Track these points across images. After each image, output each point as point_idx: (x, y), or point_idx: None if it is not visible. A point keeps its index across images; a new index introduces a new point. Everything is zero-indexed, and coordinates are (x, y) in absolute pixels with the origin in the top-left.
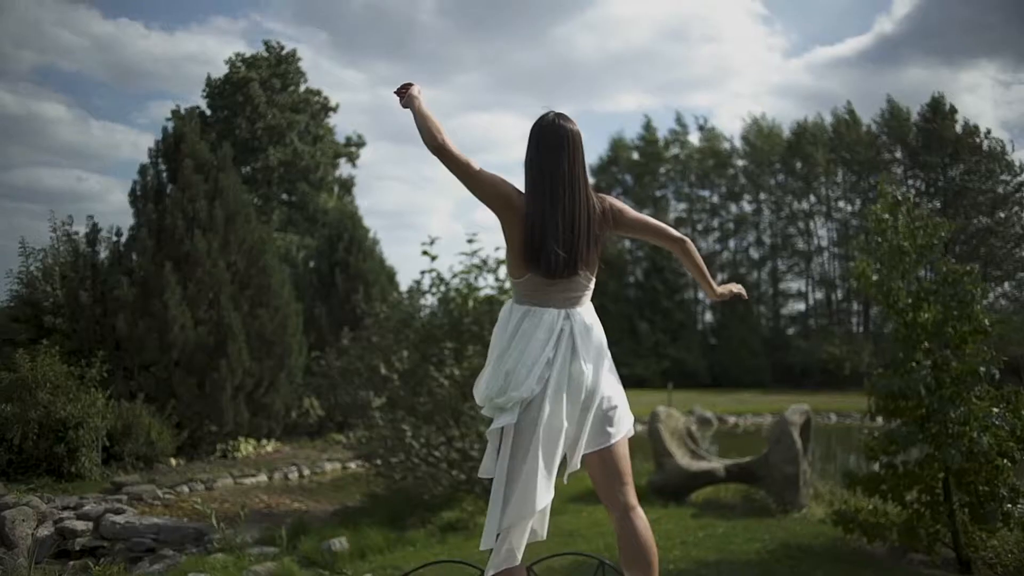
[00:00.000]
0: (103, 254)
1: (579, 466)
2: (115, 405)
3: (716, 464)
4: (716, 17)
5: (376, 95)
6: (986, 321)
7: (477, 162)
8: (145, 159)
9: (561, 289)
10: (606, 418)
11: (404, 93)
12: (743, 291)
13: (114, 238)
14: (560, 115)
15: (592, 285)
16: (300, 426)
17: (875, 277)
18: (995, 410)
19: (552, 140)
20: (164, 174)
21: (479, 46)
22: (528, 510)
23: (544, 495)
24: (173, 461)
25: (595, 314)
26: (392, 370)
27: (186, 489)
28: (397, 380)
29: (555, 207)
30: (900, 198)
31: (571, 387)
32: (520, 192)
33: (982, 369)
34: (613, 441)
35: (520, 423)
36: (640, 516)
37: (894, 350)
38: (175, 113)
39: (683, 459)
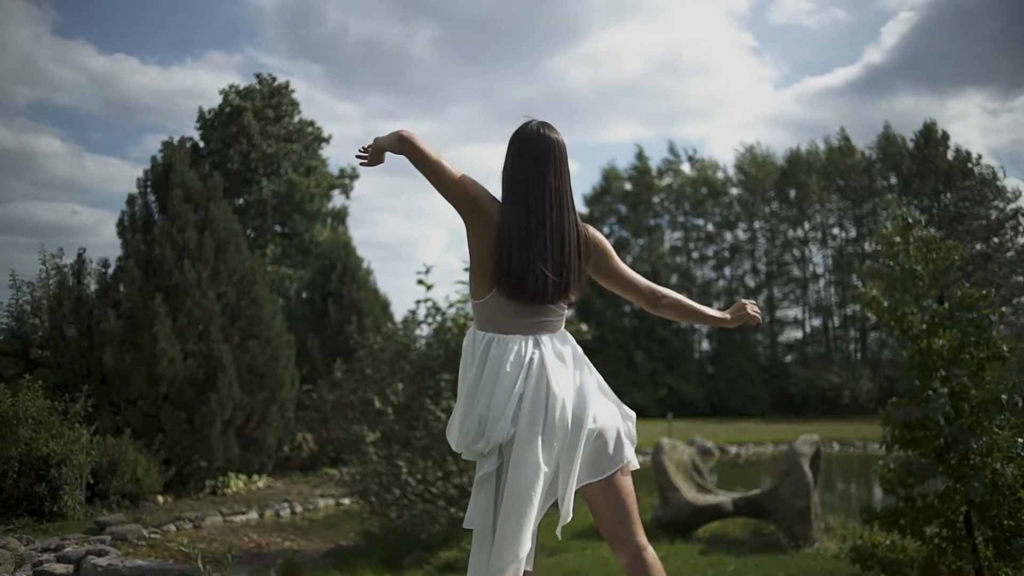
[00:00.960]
0: (93, 286)
1: (570, 517)
2: (100, 441)
3: (723, 498)
4: (707, 49)
5: (370, 128)
6: (1004, 347)
7: (450, 164)
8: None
9: (532, 314)
10: (600, 447)
11: (366, 154)
12: (755, 307)
13: (101, 269)
14: (544, 124)
15: (564, 315)
16: (293, 461)
17: (886, 303)
18: (1020, 440)
19: (537, 150)
20: (153, 204)
21: (472, 79)
22: (507, 561)
23: (523, 546)
24: (160, 499)
25: (568, 336)
26: (387, 403)
27: (173, 528)
28: (392, 414)
29: (542, 223)
30: (911, 220)
31: (547, 425)
32: (494, 198)
33: (1004, 397)
34: (611, 471)
35: (498, 468)
36: (652, 555)
37: (909, 378)
38: (165, 143)
39: (689, 493)
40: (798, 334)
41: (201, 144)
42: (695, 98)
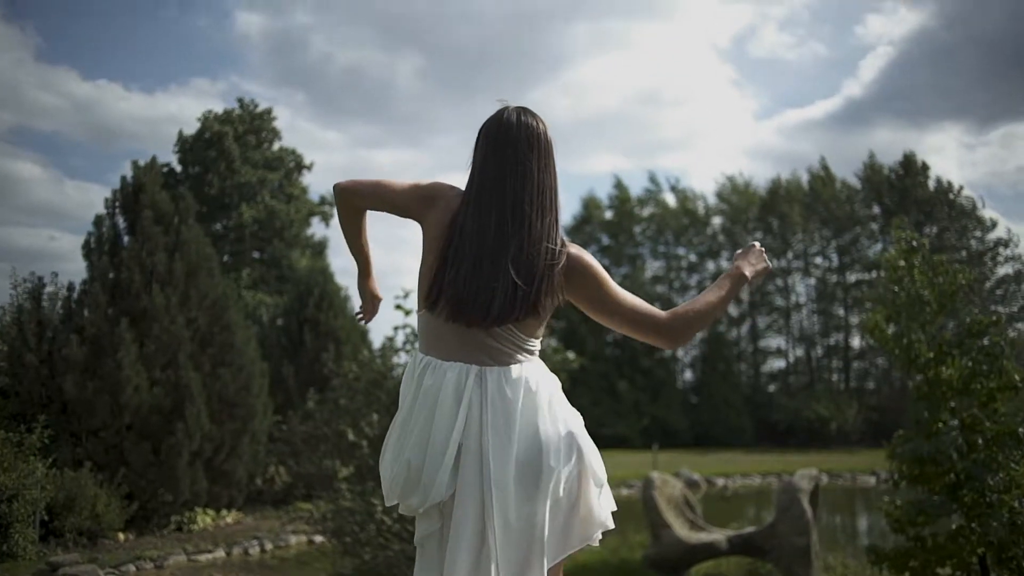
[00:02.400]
0: (59, 310)
1: None
2: (57, 475)
3: (718, 535)
4: (687, 81)
5: (354, 155)
6: (1016, 376)
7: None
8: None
9: (479, 338)
10: (557, 516)
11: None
12: (760, 249)
13: (65, 293)
14: (524, 109)
15: (528, 347)
16: (265, 494)
17: (891, 329)
18: None
19: (517, 138)
20: (122, 226)
21: (457, 108)
22: None
23: None
24: (121, 536)
25: (534, 369)
26: (361, 436)
27: (133, 568)
28: (367, 447)
29: (520, 225)
30: (916, 243)
31: (486, 481)
32: (457, 191)
33: (1021, 431)
34: (566, 555)
35: (441, 528)
36: None
37: (916, 409)
38: (135, 163)
39: (681, 530)
40: (781, 364)
41: (179, 168)
42: (676, 129)
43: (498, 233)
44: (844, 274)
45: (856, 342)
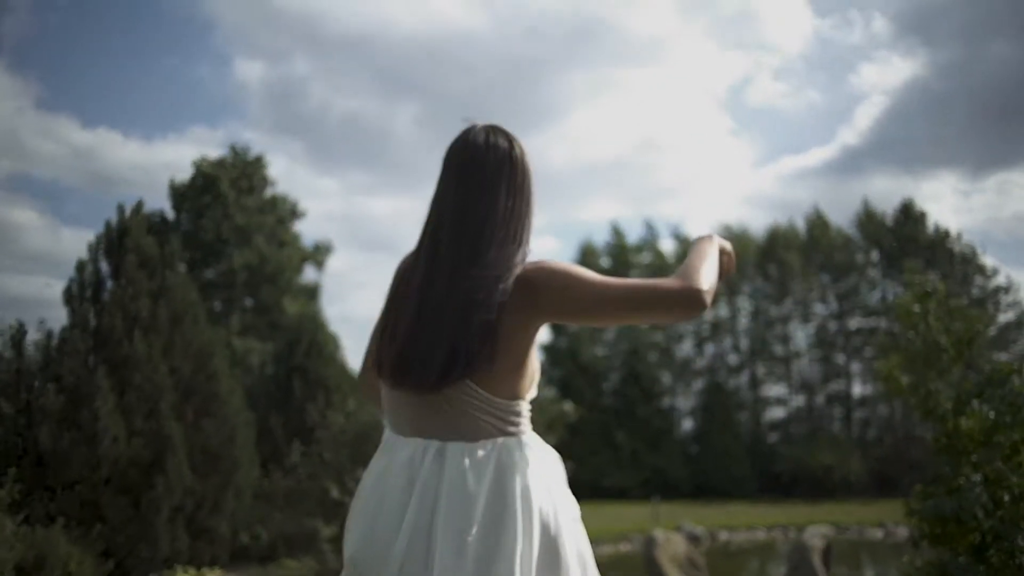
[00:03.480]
0: (39, 358)
1: None
2: (28, 531)
3: None
4: (685, 129)
5: (350, 203)
6: None
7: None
8: None
9: (435, 403)
10: None
11: None
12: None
13: (44, 340)
14: (494, 128)
15: (502, 411)
16: (251, 550)
17: (906, 379)
18: None
19: (480, 160)
20: (105, 271)
21: None
22: None
23: None
24: None
25: (513, 454)
26: (346, 493)
27: None
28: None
29: (475, 259)
30: (930, 288)
31: None
32: None
33: None
34: None
35: None
36: None
37: (936, 463)
38: (120, 207)
39: None
40: (782, 413)
41: (171, 215)
42: (674, 177)
43: (451, 274)
44: (844, 320)
45: (857, 389)
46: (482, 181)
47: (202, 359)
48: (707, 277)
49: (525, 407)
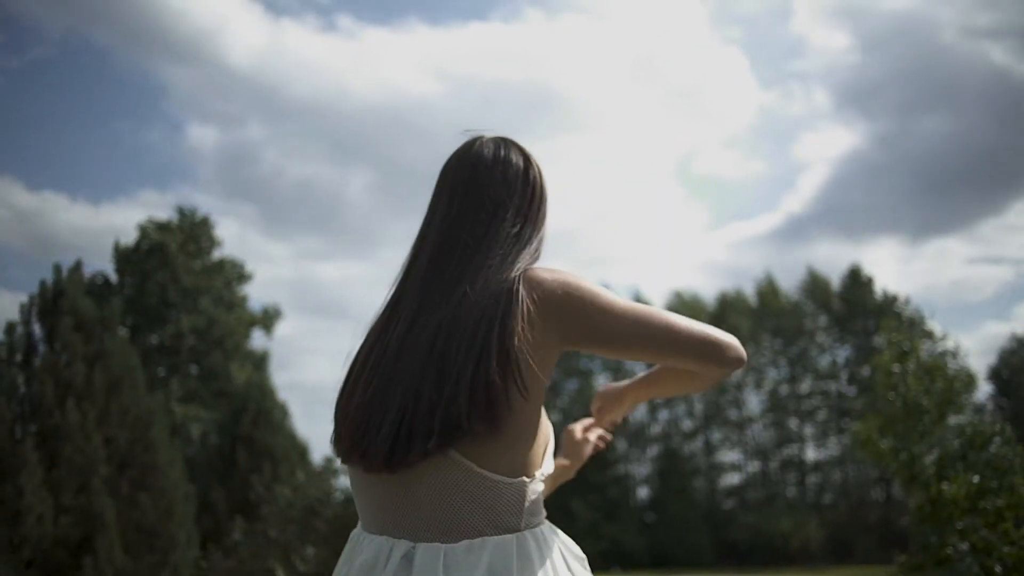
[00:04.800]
0: None
1: None
2: None
3: None
4: (635, 197)
5: (301, 268)
6: None
7: None
8: None
9: (410, 488)
10: None
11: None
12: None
13: None
14: (505, 141)
15: (499, 493)
16: None
17: (884, 443)
18: None
19: (484, 177)
20: (38, 334)
21: (405, 222)
22: None
23: None
24: None
25: (510, 553)
26: (293, 574)
27: None
28: None
29: (412, 305)
30: (908, 347)
31: None
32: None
33: None
34: None
35: None
36: None
37: (921, 532)
38: (56, 267)
39: None
40: (737, 479)
41: (114, 278)
42: (625, 244)
43: (433, 311)
44: (795, 384)
45: (811, 454)
46: (484, 202)
47: (140, 428)
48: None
49: (535, 488)
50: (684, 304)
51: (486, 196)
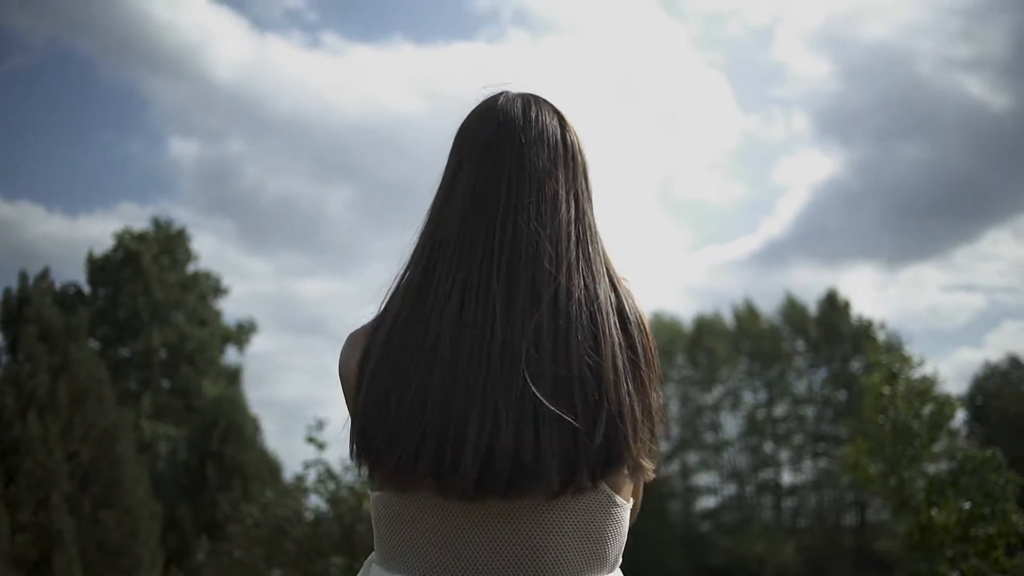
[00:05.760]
0: None
1: None
2: None
3: None
4: (617, 218)
5: (281, 284)
6: (1020, 524)
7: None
8: None
9: (522, 525)
10: None
11: None
12: None
13: None
14: (536, 99)
15: (622, 535)
16: None
17: (873, 468)
18: None
19: (516, 139)
20: (1, 343)
21: (387, 239)
22: None
23: None
24: None
25: None
26: None
27: None
28: None
29: (537, 295)
30: (896, 369)
31: None
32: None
33: None
34: None
35: None
36: None
37: (911, 560)
38: (22, 274)
39: None
40: (712, 502)
41: (87, 289)
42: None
43: (517, 309)
44: (772, 408)
45: (787, 478)
46: (525, 167)
47: (105, 443)
48: None
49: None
50: (662, 326)
51: (531, 160)
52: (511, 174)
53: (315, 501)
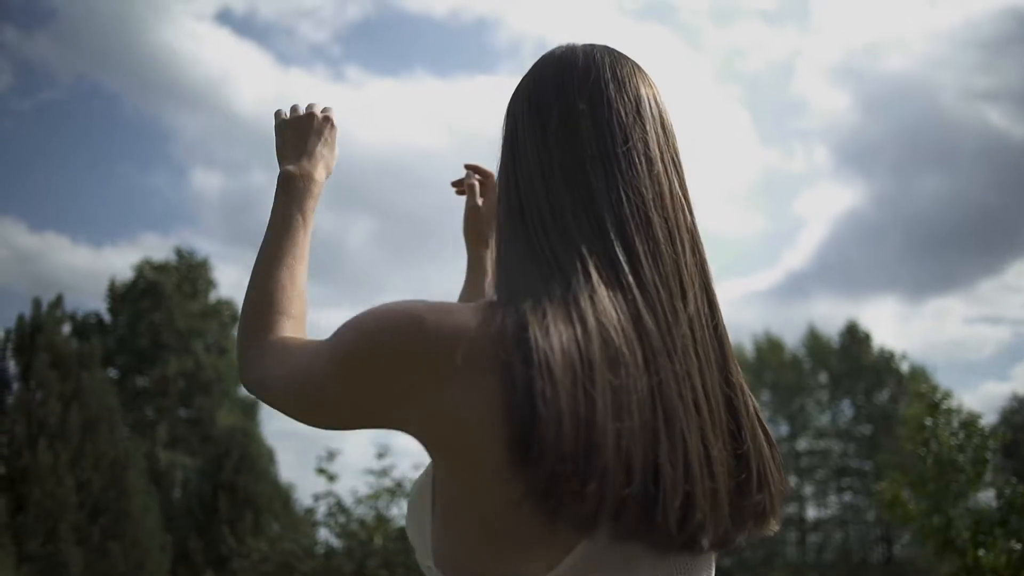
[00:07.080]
0: None
1: None
2: None
3: None
4: None
5: None
6: None
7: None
8: None
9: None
10: None
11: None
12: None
13: None
14: (616, 53)
15: None
16: None
17: (913, 505)
18: None
19: (637, 98)
20: (13, 371)
21: (408, 271)
22: None
23: None
24: None
25: None
26: None
27: None
28: None
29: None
30: (939, 399)
31: None
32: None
33: None
34: None
35: None
36: None
37: None
38: (35, 301)
39: None
40: None
41: (108, 318)
42: None
43: (668, 312)
44: (794, 442)
45: (811, 512)
46: (655, 135)
47: (116, 472)
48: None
49: None
50: None
51: (654, 128)
52: (651, 138)
53: (324, 534)
